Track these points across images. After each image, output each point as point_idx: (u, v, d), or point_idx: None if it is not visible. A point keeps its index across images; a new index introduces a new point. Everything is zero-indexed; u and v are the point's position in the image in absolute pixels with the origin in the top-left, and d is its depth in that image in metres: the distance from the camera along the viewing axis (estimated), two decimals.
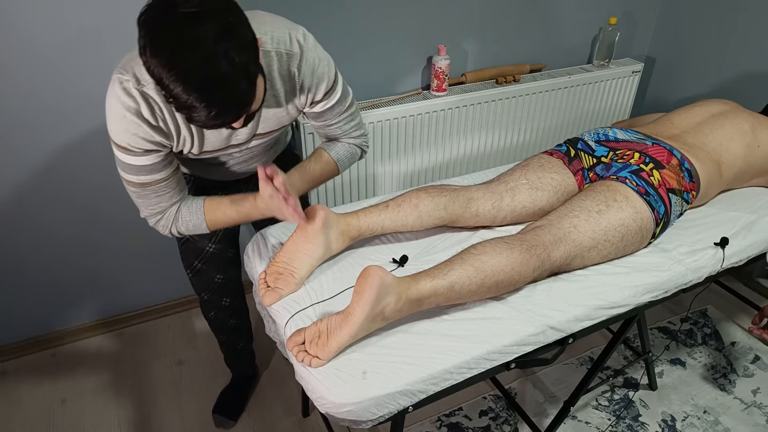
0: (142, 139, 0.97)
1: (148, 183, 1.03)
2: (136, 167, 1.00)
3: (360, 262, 1.20)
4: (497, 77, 2.07)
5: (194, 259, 1.37)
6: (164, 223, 1.10)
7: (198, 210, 1.11)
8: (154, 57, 0.78)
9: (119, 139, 0.96)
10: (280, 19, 1.05)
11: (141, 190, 1.04)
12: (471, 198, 1.26)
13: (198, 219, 1.11)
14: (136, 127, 0.95)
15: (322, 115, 1.18)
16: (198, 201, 1.12)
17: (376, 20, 1.78)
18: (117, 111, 0.94)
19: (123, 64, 0.94)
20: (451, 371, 0.97)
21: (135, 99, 0.93)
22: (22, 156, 1.55)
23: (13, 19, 1.36)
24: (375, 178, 1.98)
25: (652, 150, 1.30)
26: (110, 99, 0.94)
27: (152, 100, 0.95)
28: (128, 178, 1.02)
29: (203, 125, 0.87)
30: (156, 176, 1.03)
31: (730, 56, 2.11)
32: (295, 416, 1.69)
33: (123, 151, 0.98)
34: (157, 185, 1.04)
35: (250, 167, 1.27)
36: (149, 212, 1.09)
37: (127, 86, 0.92)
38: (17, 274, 1.73)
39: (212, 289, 1.44)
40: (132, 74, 0.92)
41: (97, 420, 1.66)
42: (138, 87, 0.93)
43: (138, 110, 0.94)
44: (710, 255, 1.24)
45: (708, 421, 1.67)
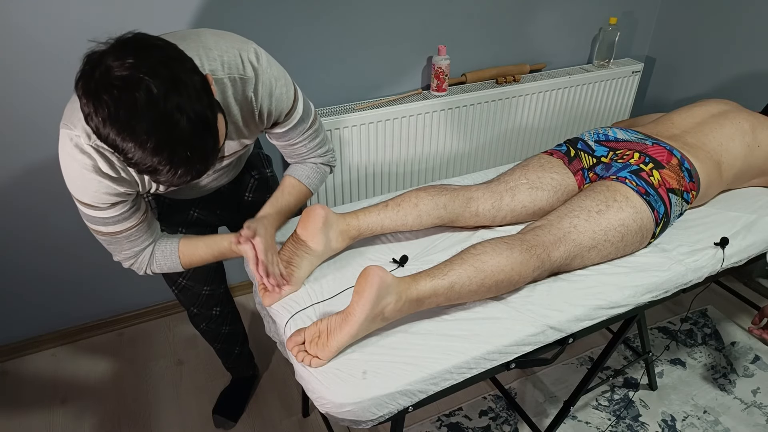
0: (105, 194, 0.92)
1: (118, 232, 1.00)
2: (104, 219, 0.96)
3: (360, 262, 1.20)
4: (497, 77, 2.07)
5: (178, 276, 1.35)
6: (138, 266, 1.08)
7: (173, 253, 1.09)
8: (104, 127, 0.73)
9: (81, 197, 0.92)
10: (228, 37, 0.97)
11: (111, 239, 1.01)
12: (471, 197, 1.26)
13: (173, 262, 1.09)
14: (97, 184, 0.90)
15: (284, 135, 1.12)
16: (172, 243, 1.09)
17: (376, 20, 1.78)
18: (74, 170, 0.89)
19: (68, 118, 0.88)
20: (451, 371, 0.97)
21: (90, 156, 0.87)
22: (22, 155, 1.55)
23: (13, 18, 1.36)
24: (375, 178, 1.98)
25: (652, 150, 1.30)
26: (64, 158, 0.89)
27: (108, 152, 0.88)
28: (97, 229, 0.99)
29: (171, 185, 0.81)
30: (126, 224, 0.99)
31: (730, 56, 2.11)
32: (295, 416, 1.69)
33: (87, 207, 0.94)
34: (128, 232, 1.01)
35: (221, 181, 1.23)
36: (123, 257, 1.06)
37: (79, 142, 0.86)
38: (17, 273, 1.73)
39: (200, 303, 1.42)
40: (81, 129, 0.86)
41: (97, 420, 1.66)
42: (90, 143, 0.87)
43: (96, 166, 0.88)
44: (710, 255, 1.24)
45: (708, 421, 1.67)
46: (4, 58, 1.40)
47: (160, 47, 0.77)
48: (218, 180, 1.21)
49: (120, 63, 0.72)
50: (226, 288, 1.50)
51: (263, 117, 1.04)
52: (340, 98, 1.86)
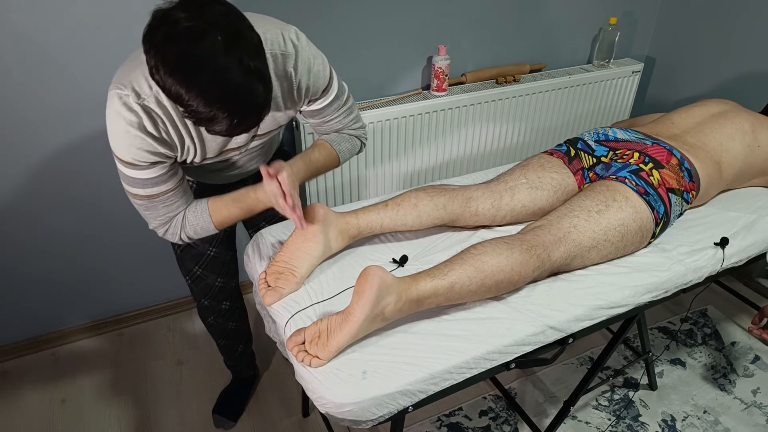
0: (147, 153, 0.96)
1: (155, 195, 1.03)
2: (143, 180, 1.00)
3: (360, 262, 1.20)
4: (497, 77, 2.07)
5: (194, 264, 1.36)
6: (173, 231, 1.10)
7: (203, 212, 1.10)
8: (169, 77, 0.78)
9: (123, 155, 0.96)
10: (270, 19, 1.04)
11: (148, 203, 1.04)
12: (470, 197, 1.26)
13: (205, 221, 1.11)
14: (140, 141, 0.94)
15: (321, 112, 1.18)
16: (202, 204, 1.11)
17: (376, 20, 1.78)
18: (120, 127, 0.93)
19: (119, 78, 0.93)
20: (451, 371, 0.97)
21: (137, 113, 0.92)
22: (22, 155, 1.55)
23: (13, 18, 1.36)
24: (375, 178, 1.98)
25: (652, 150, 1.30)
26: (111, 115, 0.93)
27: (154, 113, 0.94)
28: (135, 192, 1.02)
29: (226, 134, 0.87)
30: (163, 187, 1.02)
31: (730, 56, 2.12)
32: (295, 416, 1.69)
33: (128, 167, 0.97)
34: (164, 196, 1.04)
35: (248, 169, 1.27)
36: (158, 223, 1.08)
37: (128, 101, 0.91)
38: (17, 274, 1.73)
39: (212, 294, 1.43)
40: (131, 89, 0.91)
41: (97, 420, 1.67)
42: (138, 101, 0.92)
43: (141, 124, 0.93)
44: (710, 255, 1.24)
45: (708, 421, 1.67)
46: (4, 58, 1.40)
47: (222, 3, 0.81)
48: (246, 166, 1.25)
49: (186, 16, 0.77)
50: (237, 283, 1.51)
51: (301, 93, 1.09)
52: None
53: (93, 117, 1.57)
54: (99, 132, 1.60)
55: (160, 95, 0.93)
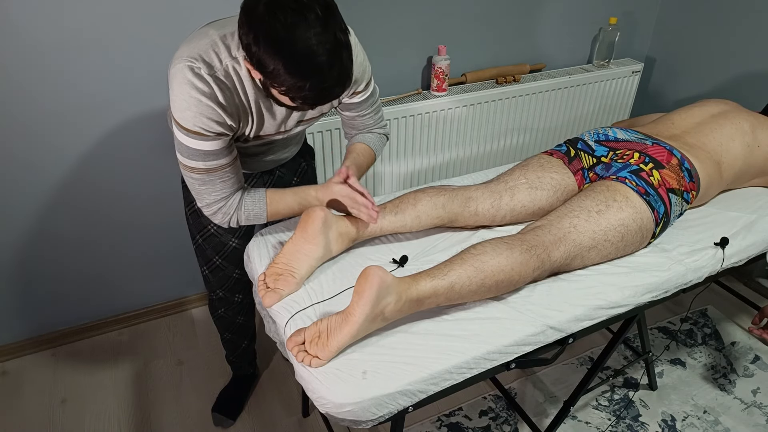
0: (216, 123, 0.99)
1: (214, 168, 1.04)
2: (205, 152, 1.02)
3: (360, 262, 1.20)
4: (497, 77, 2.07)
5: (215, 254, 1.37)
6: (226, 210, 1.11)
7: (261, 200, 1.13)
8: (270, 47, 0.83)
9: (191, 124, 0.98)
10: None
11: (207, 176, 1.05)
12: (470, 197, 1.26)
13: (260, 209, 1.13)
14: (210, 111, 0.97)
15: (359, 106, 1.23)
16: (260, 191, 1.14)
17: (376, 20, 1.78)
18: (191, 96, 0.96)
19: (186, 53, 0.96)
20: (451, 371, 0.97)
21: (209, 84, 0.96)
22: (23, 157, 1.55)
23: (13, 19, 1.36)
24: (375, 178, 1.98)
25: (652, 150, 1.30)
26: (182, 86, 0.96)
27: (224, 85, 0.98)
28: (195, 165, 1.03)
29: (313, 103, 0.92)
30: (222, 161, 1.05)
31: (730, 56, 2.12)
32: (295, 416, 1.69)
33: (194, 137, 0.99)
34: (223, 170, 1.06)
35: (281, 158, 1.33)
36: (212, 199, 1.09)
37: (200, 72, 0.95)
38: (18, 274, 1.73)
39: (228, 286, 1.44)
40: (202, 61, 0.96)
41: (97, 420, 1.67)
42: (210, 73, 0.96)
43: (213, 94, 0.97)
44: (710, 255, 1.24)
45: (708, 421, 1.67)
46: (4, 58, 1.40)
47: None
48: (280, 153, 1.31)
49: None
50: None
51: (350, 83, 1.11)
52: None
53: (94, 120, 1.57)
54: (100, 134, 1.60)
55: (229, 69, 0.98)
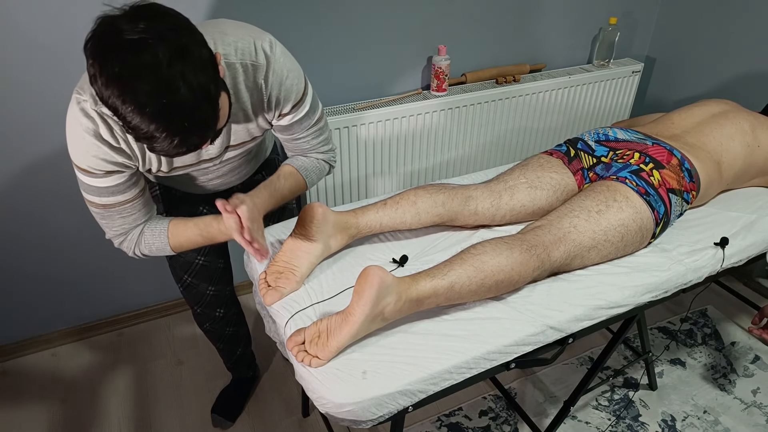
0: (102, 161, 0.93)
1: (111, 204, 1.00)
2: (98, 189, 0.97)
3: (360, 261, 1.20)
4: (497, 77, 2.07)
5: (183, 273, 1.34)
6: (127, 245, 1.08)
7: (162, 233, 1.08)
8: (106, 88, 0.74)
9: (79, 161, 0.94)
10: (246, 27, 1.00)
11: (104, 212, 1.01)
12: (470, 196, 1.26)
13: (162, 243, 1.08)
14: (96, 149, 0.92)
15: (289, 128, 1.13)
16: (162, 223, 1.08)
17: (376, 20, 1.78)
18: (76, 132, 0.91)
19: (81, 83, 0.90)
20: (451, 371, 0.97)
21: (93, 120, 0.90)
22: (23, 155, 1.55)
23: (12, 18, 1.36)
24: (375, 177, 1.98)
25: (652, 150, 1.30)
26: (70, 121, 0.91)
27: (111, 120, 0.91)
28: (90, 199, 1.00)
29: (167, 154, 0.82)
30: (119, 198, 1.00)
31: (730, 56, 2.12)
32: (295, 416, 1.69)
33: (84, 173, 0.96)
34: (121, 207, 1.01)
35: (231, 179, 1.24)
36: (113, 233, 1.06)
37: (85, 107, 0.89)
38: (18, 273, 1.73)
39: (204, 302, 1.42)
40: (89, 94, 0.89)
41: (97, 420, 1.67)
42: (96, 108, 0.89)
43: (97, 131, 0.90)
44: (710, 255, 1.24)
45: (708, 421, 1.67)
46: (4, 58, 1.40)
47: (173, 16, 0.79)
48: (229, 176, 1.22)
49: (131, 27, 0.74)
50: (232, 290, 1.49)
51: (272, 105, 1.05)
52: (340, 98, 1.87)
53: None
54: None
55: None
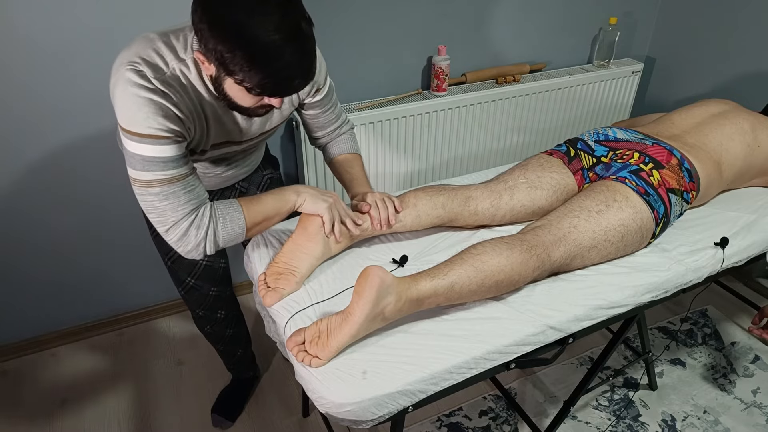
0: (172, 122, 0.91)
1: (176, 177, 0.93)
2: (163, 160, 0.91)
3: (360, 262, 1.20)
4: (497, 77, 2.07)
5: (186, 275, 1.34)
6: (198, 223, 0.97)
7: (233, 205, 1.01)
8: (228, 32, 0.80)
9: (145, 127, 0.89)
10: None
11: (169, 188, 0.93)
12: (469, 196, 1.26)
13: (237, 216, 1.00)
14: (165, 109, 0.90)
15: (321, 103, 1.20)
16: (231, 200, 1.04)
17: (376, 20, 1.78)
18: (140, 96, 0.88)
19: (128, 58, 0.90)
20: (451, 371, 0.97)
21: (156, 87, 0.90)
22: (23, 155, 1.55)
23: (13, 18, 1.36)
24: (375, 178, 1.98)
25: (652, 150, 1.30)
26: (128, 88, 0.88)
27: (173, 88, 0.92)
28: (153, 177, 0.92)
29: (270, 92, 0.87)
30: (183, 169, 0.95)
31: (730, 56, 2.12)
32: (295, 416, 1.69)
33: (150, 141, 0.89)
34: (186, 179, 0.95)
35: (240, 171, 1.27)
36: (179, 215, 0.95)
37: (146, 75, 0.89)
38: (18, 273, 1.73)
39: (206, 305, 1.42)
40: (146, 64, 0.90)
41: (97, 420, 1.66)
42: (157, 76, 0.90)
43: (165, 94, 0.90)
44: (710, 255, 1.24)
45: (708, 421, 1.67)
46: (4, 58, 1.40)
47: None
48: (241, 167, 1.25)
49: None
50: (232, 291, 1.50)
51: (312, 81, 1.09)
52: (341, 98, 1.86)
53: (93, 117, 1.57)
54: (99, 132, 1.60)
55: (177, 71, 0.93)
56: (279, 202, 1.07)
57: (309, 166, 1.83)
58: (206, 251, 1.00)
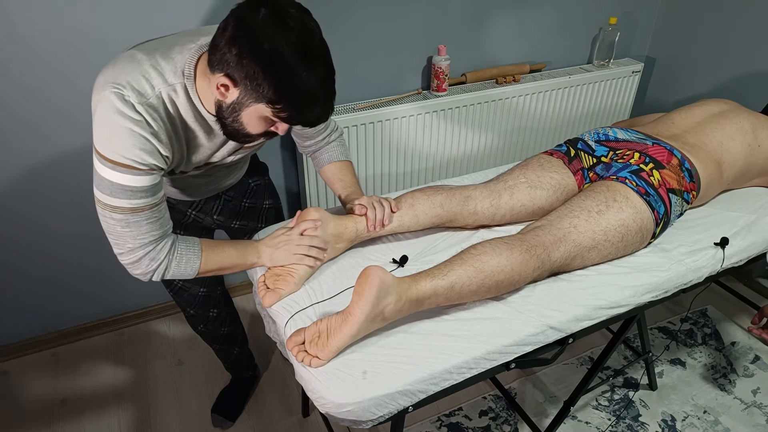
0: (148, 154, 0.90)
1: (141, 207, 0.93)
2: (132, 189, 0.91)
3: (360, 262, 1.20)
4: (497, 77, 2.07)
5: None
6: (153, 256, 0.97)
7: (194, 246, 1.02)
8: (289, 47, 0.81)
9: (120, 156, 0.88)
10: None
11: (131, 217, 0.93)
12: (469, 196, 1.26)
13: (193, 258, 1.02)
14: (143, 142, 0.89)
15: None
16: (193, 239, 1.04)
17: (377, 20, 1.78)
18: (120, 126, 0.87)
19: (113, 79, 0.88)
20: (451, 371, 0.97)
21: (140, 113, 0.88)
22: (23, 155, 1.55)
23: (13, 18, 1.36)
24: (375, 178, 1.98)
25: (652, 150, 1.30)
26: (110, 114, 0.87)
27: (156, 114, 0.90)
28: (119, 204, 0.91)
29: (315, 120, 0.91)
30: (150, 200, 0.94)
31: (730, 56, 2.11)
32: (295, 416, 1.69)
33: (122, 170, 0.89)
34: (151, 210, 0.94)
35: (224, 183, 1.26)
36: (137, 243, 0.95)
37: (131, 100, 0.87)
38: (17, 273, 1.73)
39: (197, 304, 1.42)
40: (131, 88, 0.88)
41: (97, 420, 1.67)
42: (141, 101, 0.88)
43: (146, 123, 0.89)
44: (710, 255, 1.24)
45: (708, 421, 1.67)
46: (4, 58, 1.40)
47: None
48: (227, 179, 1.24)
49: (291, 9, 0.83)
50: (223, 289, 1.49)
51: None
52: (340, 98, 1.86)
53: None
54: None
55: (163, 95, 0.91)
56: (239, 259, 1.08)
57: (309, 169, 1.83)
58: (151, 279, 1.02)
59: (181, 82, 0.93)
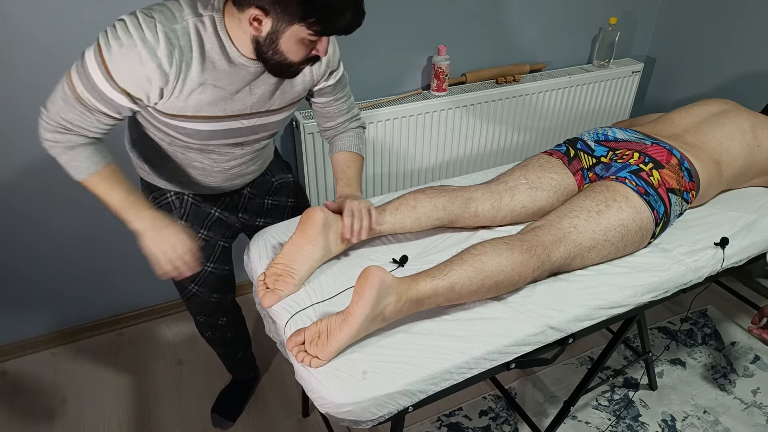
0: (139, 87, 0.93)
1: (97, 112, 0.96)
2: (104, 97, 0.94)
3: (360, 262, 1.20)
4: (497, 77, 2.07)
5: (189, 282, 1.33)
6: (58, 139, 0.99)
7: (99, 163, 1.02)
8: None
9: (115, 73, 0.91)
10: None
11: (83, 111, 0.96)
12: (470, 198, 1.26)
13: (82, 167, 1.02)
14: (144, 73, 0.92)
15: (334, 88, 1.21)
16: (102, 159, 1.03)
17: (377, 20, 1.78)
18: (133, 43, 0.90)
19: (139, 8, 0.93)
20: (451, 371, 0.97)
21: (156, 36, 0.90)
22: (22, 154, 1.55)
23: (13, 16, 1.36)
24: (375, 178, 1.98)
25: (652, 150, 1.30)
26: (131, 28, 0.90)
27: (172, 38, 0.92)
28: (76, 85, 0.94)
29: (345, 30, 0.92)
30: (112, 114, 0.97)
31: (730, 56, 2.12)
32: (295, 416, 1.69)
33: (110, 82, 0.92)
34: (93, 116, 0.97)
35: (247, 169, 1.25)
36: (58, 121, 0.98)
37: (155, 19, 0.91)
38: (17, 273, 1.73)
39: (207, 311, 1.41)
40: (158, 12, 0.92)
41: (97, 420, 1.67)
42: (164, 23, 0.91)
43: (154, 49, 0.91)
44: (710, 255, 1.24)
45: (708, 421, 1.67)
46: (4, 58, 1.40)
47: None
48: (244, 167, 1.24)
49: None
50: (233, 298, 1.49)
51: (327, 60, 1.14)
52: None
53: None
54: None
55: (189, 27, 0.93)
56: (120, 207, 1.06)
57: (309, 167, 1.83)
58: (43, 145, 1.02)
59: (210, 15, 0.95)
